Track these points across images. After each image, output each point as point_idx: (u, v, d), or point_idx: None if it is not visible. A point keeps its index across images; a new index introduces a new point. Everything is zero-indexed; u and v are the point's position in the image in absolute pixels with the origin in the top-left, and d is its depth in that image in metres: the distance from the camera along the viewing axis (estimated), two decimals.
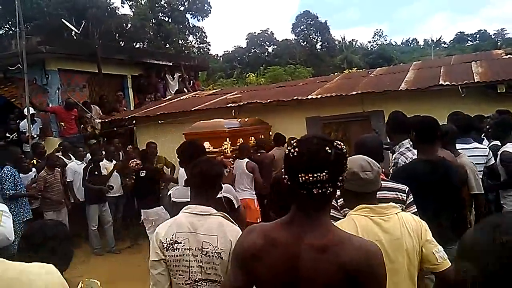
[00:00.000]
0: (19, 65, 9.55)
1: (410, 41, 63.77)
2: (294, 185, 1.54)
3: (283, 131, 8.19)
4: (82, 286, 2.20)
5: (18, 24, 9.90)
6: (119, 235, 8.38)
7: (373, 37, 50.79)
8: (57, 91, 10.39)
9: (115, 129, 10.10)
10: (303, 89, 9.59)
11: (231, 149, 7.09)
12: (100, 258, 7.72)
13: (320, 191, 1.51)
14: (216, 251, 2.38)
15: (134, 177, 7.62)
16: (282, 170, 1.63)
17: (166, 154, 8.56)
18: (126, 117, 10.03)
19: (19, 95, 10.52)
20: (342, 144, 1.58)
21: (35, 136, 9.60)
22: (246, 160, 6.95)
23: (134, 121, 10.02)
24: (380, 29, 70.58)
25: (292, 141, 1.64)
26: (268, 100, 8.69)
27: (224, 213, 2.53)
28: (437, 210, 2.94)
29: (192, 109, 9.31)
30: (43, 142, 9.68)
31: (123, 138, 9.98)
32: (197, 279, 2.38)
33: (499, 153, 4.46)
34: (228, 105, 9.05)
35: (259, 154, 7.51)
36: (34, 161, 8.09)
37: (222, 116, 8.50)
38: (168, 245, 2.39)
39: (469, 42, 58.49)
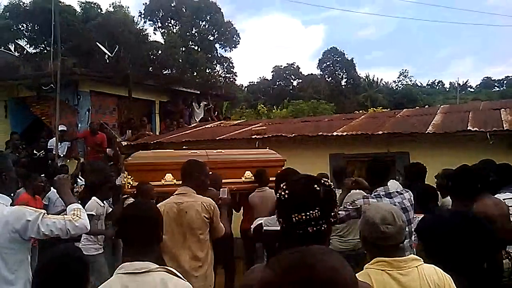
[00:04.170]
0: (52, 85, 9.86)
1: (436, 83, 63.53)
2: (289, 227, 1.57)
3: (306, 166, 8.13)
4: None
5: (53, 44, 10.28)
6: None
7: (398, 77, 50.59)
8: (87, 113, 10.65)
9: None
10: (328, 125, 9.63)
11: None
12: None
13: (315, 228, 1.54)
14: None
15: None
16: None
17: None
18: (152, 142, 10.16)
19: (50, 114, 10.80)
20: (328, 181, 1.63)
21: (61, 155, 9.79)
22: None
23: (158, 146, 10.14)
24: (406, 69, 70.39)
25: (281, 185, 1.66)
26: (293, 134, 8.73)
27: (168, 268, 2.10)
28: (466, 269, 2.69)
29: (217, 138, 9.41)
30: (68, 161, 9.86)
31: None
32: None
33: None
34: (253, 137, 9.12)
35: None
36: None
37: (246, 146, 8.58)
38: None
39: (495, 87, 58.00)
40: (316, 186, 1.57)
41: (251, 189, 6.18)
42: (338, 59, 39.47)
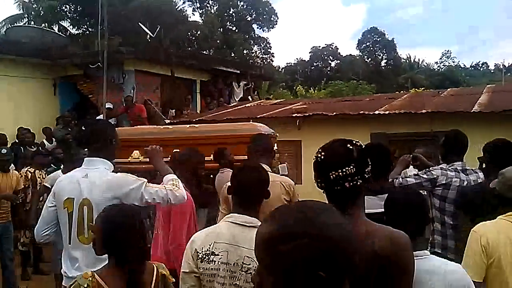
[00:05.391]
0: (99, 63, 10.19)
1: (480, 65, 61.21)
2: (327, 184, 1.71)
3: None
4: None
5: (100, 24, 10.57)
6: None
7: (440, 58, 49.12)
8: (132, 91, 10.94)
9: None
10: (369, 104, 9.58)
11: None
12: None
13: (351, 184, 1.67)
14: None
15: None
16: None
17: None
18: (194, 120, 10.38)
19: (97, 92, 11.16)
20: (360, 142, 1.78)
21: None
22: None
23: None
24: (449, 50, 68.01)
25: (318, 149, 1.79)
26: (334, 113, 8.75)
27: None
28: None
29: (258, 117, 9.52)
30: None
31: None
32: None
33: None
34: (293, 115, 9.19)
35: None
36: None
37: (287, 125, 8.67)
38: (204, 256, 2.10)
39: None
40: (349, 145, 1.72)
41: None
42: (378, 39, 38.67)
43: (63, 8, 20.37)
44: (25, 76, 10.91)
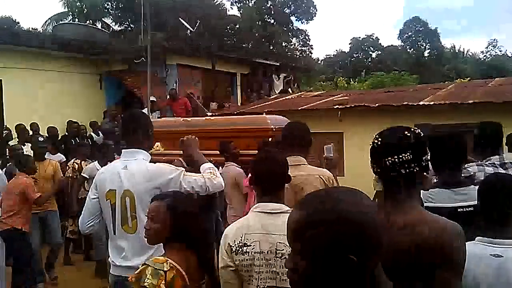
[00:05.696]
0: (143, 58, 10.43)
1: None
2: (382, 170, 1.70)
3: None
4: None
5: (143, 20, 10.82)
6: None
7: (486, 47, 47.22)
8: (174, 84, 11.17)
9: None
10: (413, 95, 9.38)
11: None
12: None
13: (407, 170, 1.65)
14: None
15: None
16: None
17: None
18: (235, 112, 10.49)
19: (140, 85, 11.45)
20: (418, 130, 1.75)
21: None
22: None
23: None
24: (495, 39, 65.20)
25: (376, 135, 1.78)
26: (376, 104, 8.62)
27: None
28: None
29: (299, 109, 9.52)
30: None
31: None
32: (266, 286, 2.08)
33: None
34: (335, 107, 9.13)
35: None
36: None
37: (328, 117, 8.63)
38: (237, 249, 2.11)
39: None
40: (406, 132, 1.70)
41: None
42: (420, 29, 37.62)
43: (105, 5, 20.94)
44: (72, 72, 11.32)
